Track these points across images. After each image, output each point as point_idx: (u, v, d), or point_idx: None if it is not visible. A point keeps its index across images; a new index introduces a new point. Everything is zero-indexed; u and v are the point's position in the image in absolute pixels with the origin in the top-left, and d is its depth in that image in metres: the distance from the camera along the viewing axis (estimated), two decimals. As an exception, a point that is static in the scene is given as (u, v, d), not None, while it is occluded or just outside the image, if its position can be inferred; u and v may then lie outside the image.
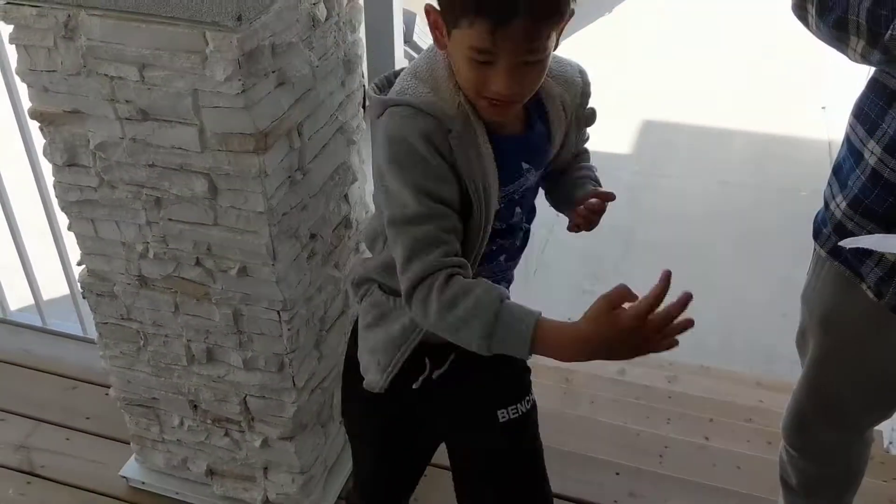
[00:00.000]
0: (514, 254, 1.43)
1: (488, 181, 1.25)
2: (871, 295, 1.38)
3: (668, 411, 2.96)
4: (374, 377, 1.41)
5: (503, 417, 1.41)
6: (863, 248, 1.35)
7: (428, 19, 1.22)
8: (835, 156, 1.47)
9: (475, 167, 1.23)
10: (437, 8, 1.19)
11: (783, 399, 3.10)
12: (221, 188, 1.63)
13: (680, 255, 4.98)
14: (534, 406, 1.45)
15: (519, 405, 1.42)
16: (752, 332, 4.26)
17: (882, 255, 1.35)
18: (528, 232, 1.42)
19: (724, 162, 5.89)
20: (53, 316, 2.69)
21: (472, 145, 1.23)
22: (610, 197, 1.38)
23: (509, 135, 1.30)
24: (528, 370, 1.48)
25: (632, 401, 3.04)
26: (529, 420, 1.44)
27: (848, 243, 1.27)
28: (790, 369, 3.53)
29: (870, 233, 1.34)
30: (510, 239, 1.39)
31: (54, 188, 1.77)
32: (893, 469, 2.45)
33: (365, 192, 2.07)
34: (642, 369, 3.67)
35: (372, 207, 2.12)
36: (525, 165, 1.33)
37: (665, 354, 1.16)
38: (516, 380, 1.45)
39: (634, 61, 6.63)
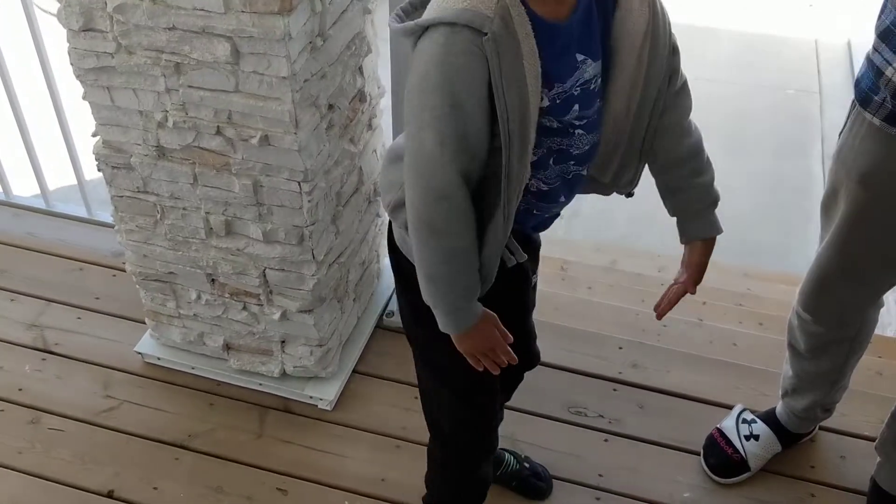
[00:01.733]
0: (565, 157, 1.35)
1: (526, 81, 1.19)
2: None
3: (661, 295, 3.04)
4: None
5: (534, 281, 1.61)
6: None
7: None
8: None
9: (512, 68, 1.18)
10: None
11: (771, 287, 3.19)
12: (244, 52, 1.61)
13: (666, 153, 5.01)
14: None
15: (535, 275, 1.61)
16: (738, 228, 4.34)
17: None
18: (594, 144, 1.36)
19: (710, 60, 5.87)
20: (58, 199, 2.67)
21: (510, 47, 1.17)
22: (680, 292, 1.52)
23: (553, 22, 1.22)
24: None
25: (626, 286, 3.11)
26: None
27: None
28: (775, 264, 3.61)
29: None
30: (567, 138, 1.32)
31: (69, 55, 1.73)
32: (881, 348, 2.56)
33: (377, 67, 2.06)
34: (633, 260, 3.75)
35: (384, 82, 2.11)
36: (580, 57, 1.25)
37: (655, 246, 1.38)
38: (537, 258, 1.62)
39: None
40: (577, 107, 1.28)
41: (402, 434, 2.10)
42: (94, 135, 1.87)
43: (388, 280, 2.41)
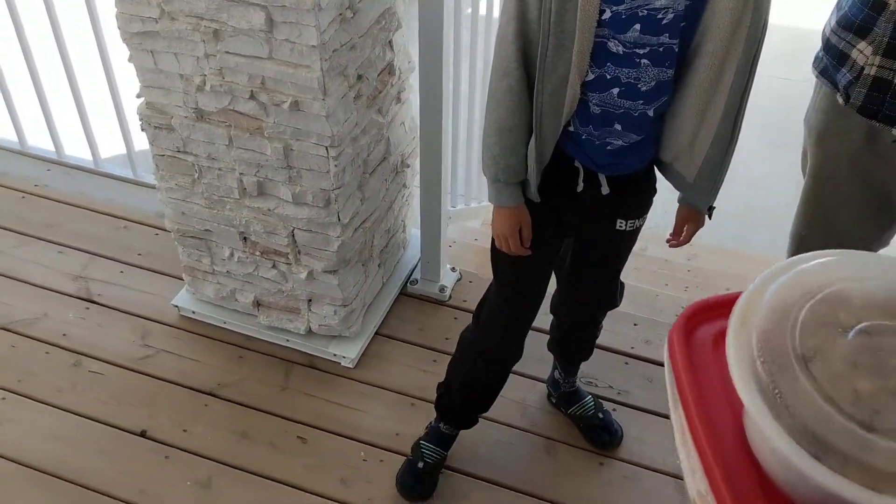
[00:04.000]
0: (633, 93, 1.41)
1: None
2: (840, 100, 1.50)
3: (686, 280, 3.09)
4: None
5: (620, 226, 1.67)
6: (839, 57, 1.51)
7: None
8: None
9: None
10: None
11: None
12: (277, 21, 1.72)
13: (707, 145, 5.00)
14: (639, 227, 1.71)
15: (631, 222, 1.67)
16: (775, 220, 4.34)
17: (854, 60, 1.48)
18: (661, 83, 1.41)
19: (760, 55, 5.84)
20: (109, 162, 2.83)
21: None
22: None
23: None
24: (650, 197, 1.68)
25: (652, 270, 3.17)
26: (634, 236, 1.73)
27: None
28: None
29: (848, 44, 1.48)
30: (635, 69, 1.39)
31: (116, 19, 1.86)
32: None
33: (408, 41, 2.15)
34: (664, 247, 3.80)
35: (414, 58, 2.20)
36: None
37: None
38: (638, 203, 1.67)
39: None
40: (637, 26, 1.34)
41: (418, 394, 2.20)
42: (138, 96, 2.00)
43: (414, 250, 2.50)
